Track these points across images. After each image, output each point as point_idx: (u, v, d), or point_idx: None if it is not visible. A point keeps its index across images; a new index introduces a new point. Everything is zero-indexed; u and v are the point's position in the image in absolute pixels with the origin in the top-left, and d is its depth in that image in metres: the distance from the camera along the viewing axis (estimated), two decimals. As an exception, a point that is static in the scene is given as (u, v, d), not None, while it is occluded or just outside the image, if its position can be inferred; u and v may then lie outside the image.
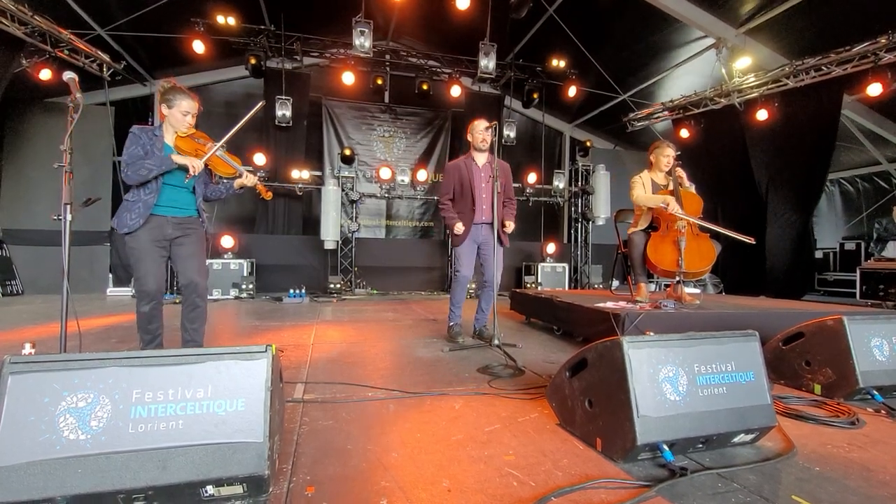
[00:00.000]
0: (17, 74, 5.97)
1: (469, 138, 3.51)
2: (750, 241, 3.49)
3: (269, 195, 2.77)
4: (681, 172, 3.65)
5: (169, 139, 2.41)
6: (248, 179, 2.52)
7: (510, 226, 3.42)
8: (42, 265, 6.89)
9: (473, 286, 7.13)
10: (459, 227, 3.35)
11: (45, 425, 1.09)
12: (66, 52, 6.24)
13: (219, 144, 2.42)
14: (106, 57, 6.78)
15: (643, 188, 3.64)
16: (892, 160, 7.88)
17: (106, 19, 6.44)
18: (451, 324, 3.56)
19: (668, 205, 3.43)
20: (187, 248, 2.46)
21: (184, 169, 2.34)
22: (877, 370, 2.12)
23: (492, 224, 3.30)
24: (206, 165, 2.41)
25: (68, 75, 2.03)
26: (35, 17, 5.57)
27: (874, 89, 5.58)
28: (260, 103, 2.55)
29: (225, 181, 2.60)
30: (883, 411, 2.01)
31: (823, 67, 5.97)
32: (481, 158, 3.49)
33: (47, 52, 6.00)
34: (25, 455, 1.06)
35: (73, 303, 1.97)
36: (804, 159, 6.60)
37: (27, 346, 1.43)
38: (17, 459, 1.06)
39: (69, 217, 1.99)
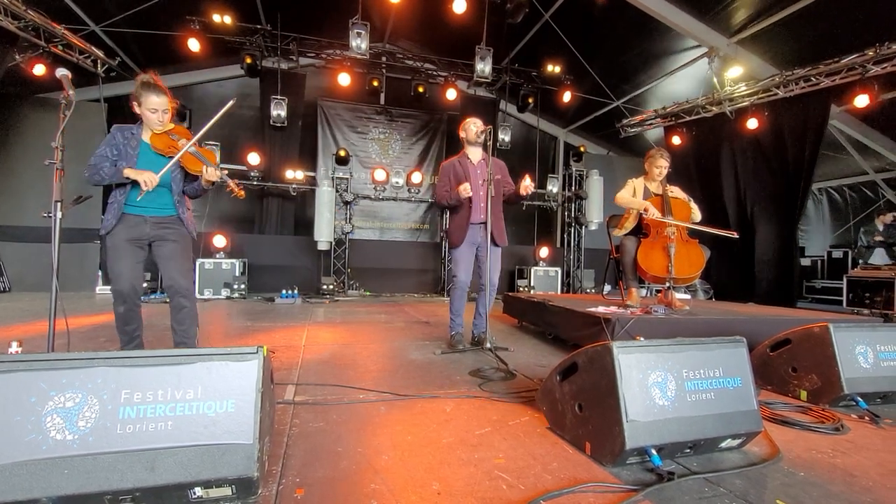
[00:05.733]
0: (8, 69, 5.90)
1: (462, 134, 3.43)
2: (732, 234, 3.66)
3: (241, 194, 2.62)
4: (673, 190, 3.70)
5: (146, 136, 2.36)
6: (211, 174, 2.37)
7: (529, 186, 3.23)
8: (30, 262, 6.79)
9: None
10: (466, 187, 3.14)
11: (32, 425, 1.08)
12: (60, 47, 6.17)
13: (191, 142, 2.37)
14: (100, 53, 6.71)
15: (631, 191, 3.71)
16: (879, 170, 8.02)
17: (101, 15, 6.39)
18: (453, 332, 3.42)
19: (646, 210, 3.48)
20: (167, 248, 2.41)
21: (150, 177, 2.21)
22: (861, 377, 2.16)
23: (486, 224, 3.21)
24: (180, 163, 2.36)
25: (61, 72, 2.01)
26: (29, 11, 5.51)
27: (861, 100, 5.69)
28: (231, 101, 2.41)
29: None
30: (867, 417, 2.04)
31: (812, 78, 6.07)
32: (476, 155, 3.42)
33: (41, 47, 5.93)
34: (10, 455, 1.05)
35: (62, 301, 1.95)
36: (790, 168, 6.70)
37: (14, 344, 1.42)
38: (2, 460, 1.05)
39: (59, 214, 1.97)
